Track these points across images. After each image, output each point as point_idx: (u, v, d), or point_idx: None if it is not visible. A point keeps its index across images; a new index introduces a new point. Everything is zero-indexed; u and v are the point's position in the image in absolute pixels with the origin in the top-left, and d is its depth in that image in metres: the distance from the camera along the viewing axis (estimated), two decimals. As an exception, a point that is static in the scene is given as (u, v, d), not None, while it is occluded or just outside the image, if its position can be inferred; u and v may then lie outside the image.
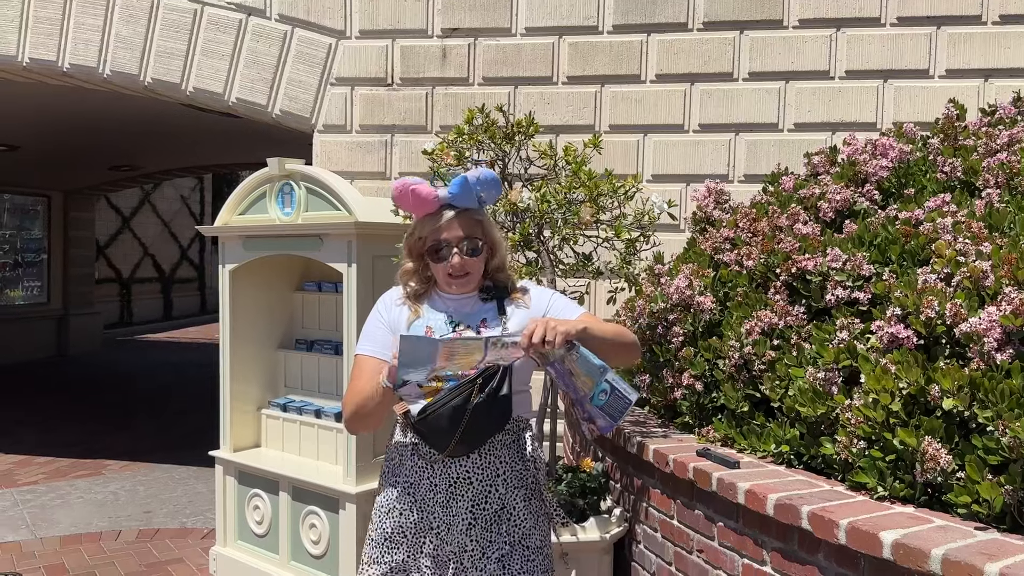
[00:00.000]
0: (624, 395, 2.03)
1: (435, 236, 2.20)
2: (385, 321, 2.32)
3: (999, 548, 1.90)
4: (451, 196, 2.19)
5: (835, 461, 2.50)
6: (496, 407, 2.15)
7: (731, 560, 2.58)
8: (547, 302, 2.30)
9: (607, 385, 2.02)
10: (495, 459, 2.23)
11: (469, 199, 2.20)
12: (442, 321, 2.27)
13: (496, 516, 2.21)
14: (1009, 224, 2.73)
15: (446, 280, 2.24)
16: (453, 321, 2.27)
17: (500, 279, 2.31)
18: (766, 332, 2.94)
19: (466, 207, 2.21)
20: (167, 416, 8.72)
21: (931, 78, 4.65)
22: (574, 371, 2.05)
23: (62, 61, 5.66)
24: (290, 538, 4.08)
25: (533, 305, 2.29)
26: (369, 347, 2.30)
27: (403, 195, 2.19)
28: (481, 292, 2.30)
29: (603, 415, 2.06)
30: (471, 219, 2.22)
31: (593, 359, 2.02)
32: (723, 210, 3.96)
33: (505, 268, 2.35)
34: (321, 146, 5.30)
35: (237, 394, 4.39)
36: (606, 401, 2.03)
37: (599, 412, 2.06)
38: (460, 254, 2.19)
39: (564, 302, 2.32)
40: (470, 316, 2.27)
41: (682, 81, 4.89)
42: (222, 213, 4.33)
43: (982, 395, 2.15)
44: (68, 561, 4.69)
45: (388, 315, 2.33)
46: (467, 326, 2.26)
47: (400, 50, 5.17)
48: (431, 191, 2.19)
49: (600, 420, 2.08)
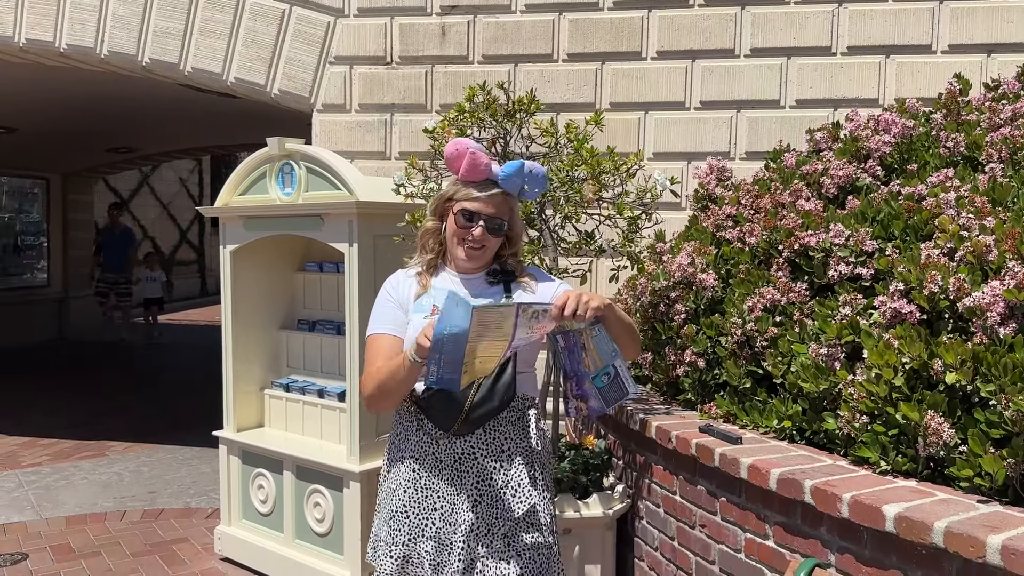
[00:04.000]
0: (624, 385, 2.10)
1: (470, 203, 2.23)
2: (394, 299, 2.34)
3: (1001, 521, 1.91)
4: (502, 176, 2.24)
5: (837, 436, 2.51)
6: (501, 386, 2.18)
7: (734, 534, 2.60)
8: (553, 290, 2.31)
9: (613, 370, 2.08)
10: (500, 436, 2.25)
11: (516, 185, 2.25)
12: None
13: (501, 493, 2.22)
14: (1012, 198, 2.72)
15: (460, 247, 2.26)
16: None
17: (509, 264, 2.35)
18: (768, 309, 2.95)
19: (509, 191, 2.26)
20: (170, 397, 8.74)
21: (933, 53, 4.62)
22: (587, 347, 2.08)
23: (59, 41, 5.62)
24: (295, 517, 4.10)
25: (539, 291, 2.32)
26: (383, 326, 2.31)
27: (459, 155, 2.22)
28: (488, 275, 2.33)
29: (598, 397, 2.12)
30: (507, 202, 2.28)
31: (609, 341, 2.08)
32: (725, 187, 3.95)
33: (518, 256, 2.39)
34: (320, 126, 5.28)
35: (240, 375, 4.40)
36: (606, 384, 2.09)
37: (595, 393, 2.11)
38: (484, 228, 2.23)
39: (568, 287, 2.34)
40: (477, 296, 2.29)
41: (683, 58, 4.85)
42: (222, 193, 4.32)
43: (985, 369, 2.16)
44: (74, 541, 4.72)
45: (396, 293, 2.35)
46: None
47: (399, 28, 5.13)
48: (487, 161, 2.24)
49: (593, 401, 2.13)
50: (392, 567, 2.26)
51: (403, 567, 2.25)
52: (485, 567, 2.20)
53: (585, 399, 2.17)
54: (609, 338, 2.10)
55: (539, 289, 2.33)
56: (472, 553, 2.20)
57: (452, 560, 2.20)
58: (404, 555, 2.25)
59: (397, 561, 2.25)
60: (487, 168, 2.23)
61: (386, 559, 2.27)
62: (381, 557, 2.28)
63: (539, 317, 2.04)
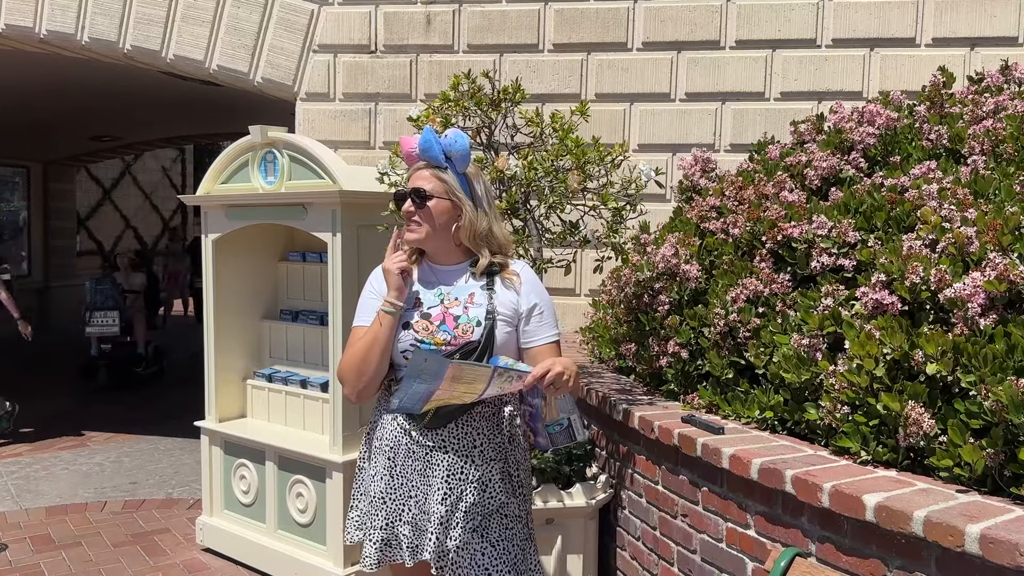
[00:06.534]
0: (574, 433, 2.25)
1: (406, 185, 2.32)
2: (377, 292, 2.33)
3: (980, 510, 1.92)
4: (420, 150, 2.28)
5: (819, 426, 2.52)
6: None
7: (715, 524, 2.61)
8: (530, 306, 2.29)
9: (567, 421, 2.22)
10: (472, 431, 2.26)
11: (432, 152, 2.26)
12: (432, 294, 2.30)
13: (472, 487, 2.23)
14: (994, 191, 2.74)
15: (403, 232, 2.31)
16: (441, 294, 2.29)
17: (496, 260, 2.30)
18: (751, 300, 2.95)
19: (431, 161, 2.28)
20: (151, 387, 8.68)
21: (917, 46, 4.64)
22: (547, 401, 2.19)
23: (39, 27, 5.55)
24: (277, 507, 4.08)
25: (522, 295, 2.29)
26: (362, 318, 2.33)
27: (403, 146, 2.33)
28: (472, 267, 2.31)
29: (547, 439, 2.25)
30: (433, 174, 2.28)
31: (570, 401, 2.21)
32: (709, 179, 3.95)
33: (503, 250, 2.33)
34: (304, 115, 5.24)
35: (222, 365, 4.37)
36: (556, 431, 2.23)
37: (544, 434, 2.25)
38: (410, 200, 2.27)
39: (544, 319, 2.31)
40: (460, 289, 2.29)
41: (669, 49, 4.85)
42: (204, 182, 4.28)
43: (965, 360, 2.17)
44: (54, 531, 4.68)
45: (379, 285, 2.34)
46: (455, 299, 2.27)
47: (383, 16, 5.10)
48: (410, 142, 2.30)
49: (541, 440, 2.27)
50: (372, 549, 2.29)
51: (383, 549, 2.29)
52: (458, 557, 2.22)
53: (535, 433, 2.29)
54: (571, 398, 2.20)
55: (523, 291, 2.29)
56: (443, 544, 2.21)
57: (425, 545, 2.22)
58: (383, 538, 2.28)
59: (377, 544, 2.28)
60: (412, 150, 2.29)
61: (369, 543, 2.30)
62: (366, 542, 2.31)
63: (512, 380, 2.11)
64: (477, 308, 2.25)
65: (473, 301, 2.26)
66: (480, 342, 2.19)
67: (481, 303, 2.25)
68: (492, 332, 2.21)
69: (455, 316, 2.25)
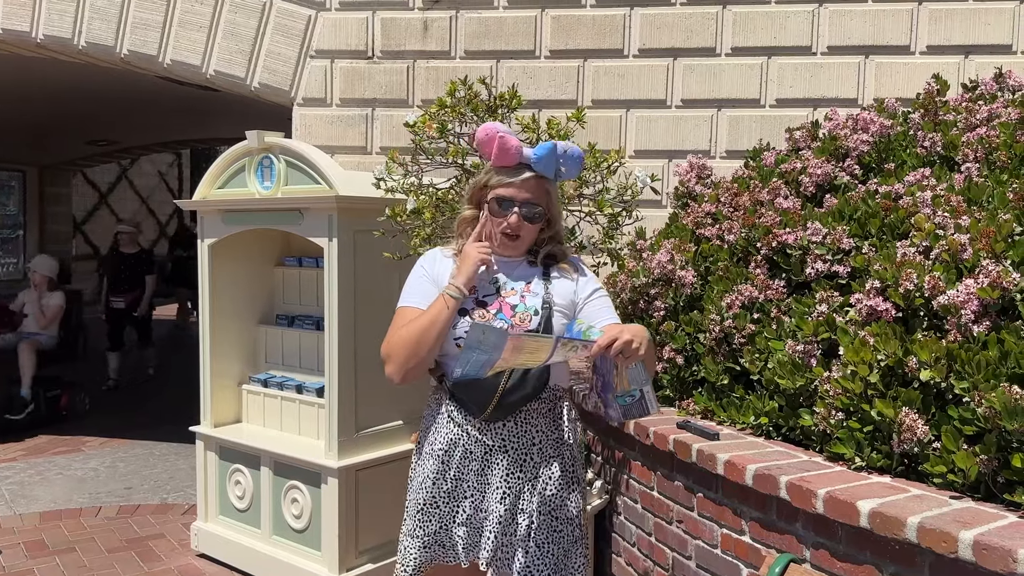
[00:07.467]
0: (647, 406, 2.16)
1: (504, 190, 2.21)
2: (429, 275, 2.30)
3: (973, 516, 1.93)
4: (535, 158, 2.19)
5: (813, 432, 2.52)
6: (533, 373, 2.17)
7: (710, 530, 2.61)
8: (589, 291, 2.29)
9: (639, 393, 2.13)
10: (531, 427, 2.23)
11: (549, 167, 2.20)
12: (487, 281, 2.26)
13: (531, 485, 2.21)
14: (987, 198, 2.75)
15: (497, 236, 2.24)
16: (498, 282, 2.27)
17: (553, 250, 2.32)
18: (746, 306, 2.96)
19: (543, 173, 2.21)
20: (147, 392, 8.67)
21: (912, 54, 4.66)
22: (619, 370, 2.10)
23: (36, 32, 5.55)
24: (272, 513, 4.08)
25: (578, 284, 2.29)
26: (413, 299, 2.28)
27: (489, 140, 2.18)
28: (529, 255, 2.31)
29: (619, 411, 2.17)
30: (542, 186, 2.23)
31: (643, 372, 2.11)
32: (705, 185, 3.96)
33: (560, 241, 2.35)
34: (301, 120, 5.24)
35: (218, 370, 4.37)
36: (629, 403, 2.15)
37: (617, 407, 2.16)
38: (519, 215, 2.20)
39: (605, 303, 2.31)
40: (516, 278, 2.28)
41: (665, 56, 4.86)
42: (201, 187, 4.28)
43: (959, 366, 2.18)
44: (48, 537, 4.67)
45: (432, 268, 2.31)
46: (511, 288, 2.26)
47: (381, 22, 5.11)
48: (517, 144, 2.19)
49: (612, 411, 2.18)
50: (424, 556, 2.24)
51: (435, 552, 2.25)
52: (513, 558, 2.20)
53: (606, 406, 2.21)
54: (643, 367, 2.12)
55: (578, 282, 2.30)
56: (500, 542, 2.20)
57: (483, 544, 2.20)
58: (436, 542, 2.24)
59: (430, 549, 2.24)
60: (518, 152, 2.18)
61: (417, 551, 2.25)
62: (411, 549, 2.27)
63: (577, 349, 2.04)
64: (534, 297, 2.24)
65: (530, 290, 2.25)
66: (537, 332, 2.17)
67: (538, 292, 2.24)
68: (549, 321, 2.20)
69: (512, 305, 2.23)
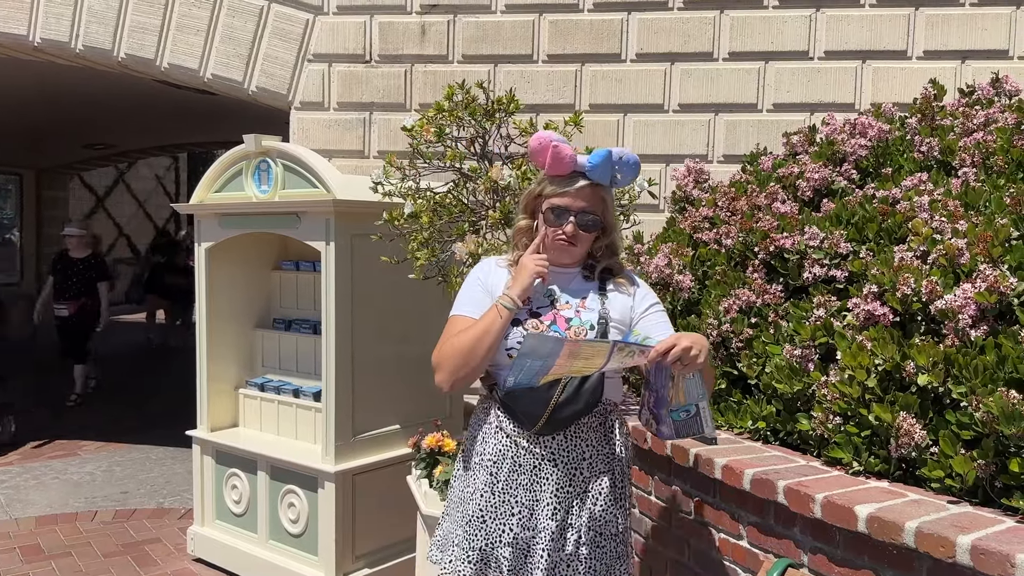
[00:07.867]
0: (702, 425, 2.09)
1: (559, 199, 2.18)
2: (484, 284, 2.28)
3: (971, 521, 1.93)
4: (589, 166, 2.17)
5: (811, 437, 2.52)
6: (587, 388, 2.14)
7: (708, 534, 2.61)
8: (646, 306, 2.27)
9: (694, 409, 2.07)
10: (581, 442, 2.20)
11: (605, 174, 2.17)
12: (540, 293, 2.23)
13: (579, 500, 2.18)
14: (984, 203, 2.75)
15: (553, 244, 2.21)
16: (552, 294, 2.24)
17: (609, 264, 2.30)
18: (744, 310, 2.96)
19: (598, 181, 2.19)
20: (143, 396, 8.65)
21: (909, 59, 4.67)
22: (675, 381, 2.05)
23: (33, 35, 5.55)
24: (269, 517, 4.07)
25: (636, 298, 2.27)
26: (465, 308, 2.25)
27: (542, 149, 2.15)
28: (584, 269, 2.28)
29: (671, 427, 2.11)
30: (597, 194, 2.20)
31: (700, 384, 2.06)
32: (702, 189, 3.96)
33: (617, 253, 2.32)
34: (298, 123, 5.24)
35: (214, 374, 4.36)
36: (683, 420, 2.08)
37: (670, 423, 2.11)
38: (575, 224, 2.17)
39: (661, 317, 2.29)
40: (572, 292, 2.25)
41: (662, 60, 4.87)
42: (198, 190, 4.28)
43: (956, 371, 2.18)
44: (43, 541, 4.66)
45: (488, 278, 2.28)
46: (566, 301, 2.23)
47: (378, 26, 5.11)
48: (571, 153, 2.16)
49: (665, 427, 2.13)
50: (470, 570, 2.20)
51: (482, 570, 2.20)
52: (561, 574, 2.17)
53: (659, 421, 2.15)
54: (701, 380, 2.06)
55: (635, 296, 2.27)
56: (550, 560, 2.15)
57: (531, 565, 2.16)
58: (482, 559, 2.20)
59: (475, 564, 2.20)
60: (572, 160, 2.16)
61: (463, 563, 2.21)
62: (456, 561, 2.22)
63: (634, 355, 2.00)
64: (589, 312, 2.21)
65: (585, 305, 2.22)
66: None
67: (593, 307, 2.21)
68: (605, 336, 2.16)
69: (567, 318, 2.20)
